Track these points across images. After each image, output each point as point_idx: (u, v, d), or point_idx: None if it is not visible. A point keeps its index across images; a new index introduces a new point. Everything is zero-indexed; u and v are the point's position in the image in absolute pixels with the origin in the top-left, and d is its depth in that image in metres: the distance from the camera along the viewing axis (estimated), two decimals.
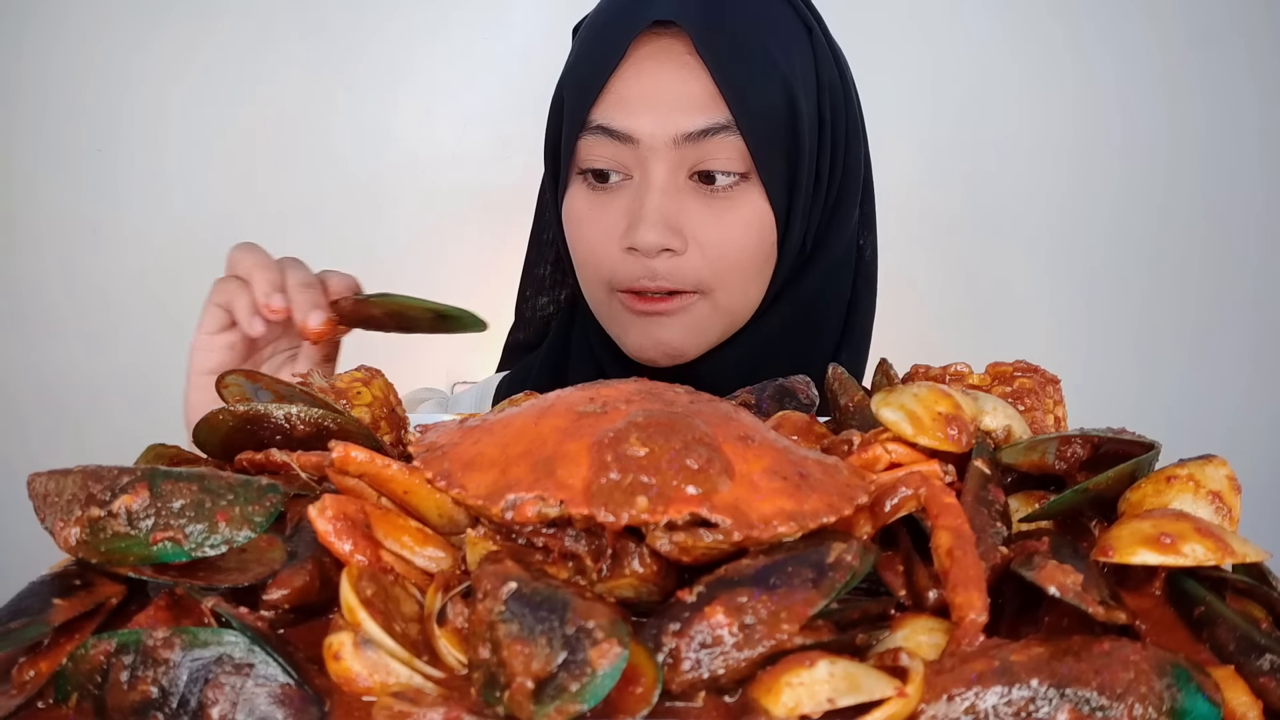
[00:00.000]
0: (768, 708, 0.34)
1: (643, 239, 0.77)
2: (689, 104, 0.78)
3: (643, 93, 0.79)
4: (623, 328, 0.85)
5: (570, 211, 0.85)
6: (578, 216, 0.84)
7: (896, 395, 0.50)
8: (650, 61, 0.80)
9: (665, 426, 0.43)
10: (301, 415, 0.51)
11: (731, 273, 0.81)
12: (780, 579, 0.38)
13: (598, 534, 0.41)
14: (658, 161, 0.78)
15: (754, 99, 0.78)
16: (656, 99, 0.78)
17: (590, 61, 0.82)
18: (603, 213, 0.82)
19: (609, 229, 0.81)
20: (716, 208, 0.80)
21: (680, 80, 0.78)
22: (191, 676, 0.36)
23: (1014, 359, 0.64)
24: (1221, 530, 0.41)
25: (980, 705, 0.34)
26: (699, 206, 0.80)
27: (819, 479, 0.43)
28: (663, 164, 0.78)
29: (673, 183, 0.79)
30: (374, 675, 0.36)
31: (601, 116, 0.80)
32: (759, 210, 0.81)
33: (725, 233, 0.80)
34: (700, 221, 0.79)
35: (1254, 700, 0.36)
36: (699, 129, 0.78)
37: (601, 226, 0.82)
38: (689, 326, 0.82)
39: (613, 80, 0.80)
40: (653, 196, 0.78)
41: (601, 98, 0.80)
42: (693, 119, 0.78)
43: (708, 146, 0.78)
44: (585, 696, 0.33)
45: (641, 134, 0.78)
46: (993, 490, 0.46)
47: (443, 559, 0.44)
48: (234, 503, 0.41)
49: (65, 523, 0.41)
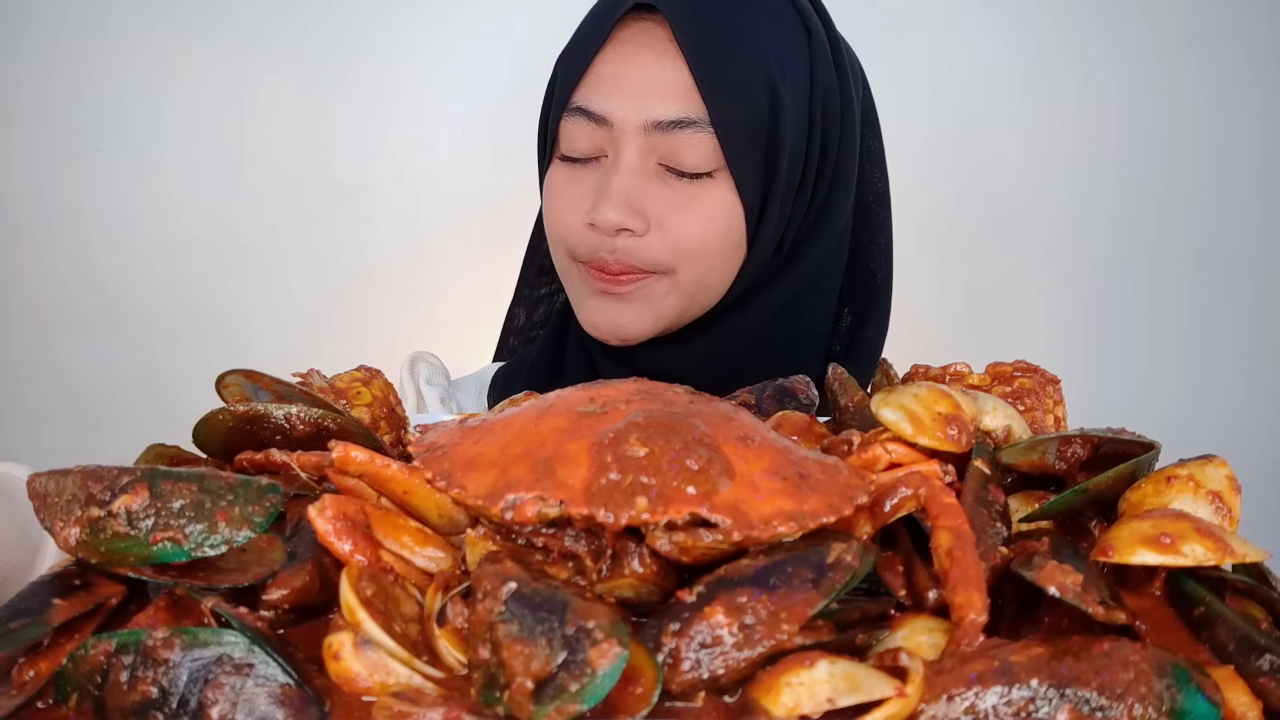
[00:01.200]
0: (768, 708, 0.34)
1: (602, 216, 0.78)
2: (664, 91, 0.78)
3: (620, 76, 0.79)
4: (579, 299, 0.86)
5: (549, 187, 0.86)
6: (553, 191, 0.85)
7: (896, 395, 0.50)
8: (631, 45, 0.80)
9: (665, 427, 0.43)
10: (301, 415, 0.51)
11: (693, 258, 0.82)
12: (780, 579, 0.38)
13: (598, 534, 0.41)
14: (628, 144, 0.79)
15: (730, 93, 0.78)
16: (633, 83, 0.79)
17: (577, 43, 0.83)
18: (575, 187, 0.83)
19: (577, 202, 0.82)
20: (682, 195, 0.80)
21: (660, 67, 0.79)
22: (191, 677, 0.36)
23: (1014, 359, 0.64)
24: (1221, 530, 0.41)
25: (980, 705, 0.34)
26: (665, 192, 0.80)
27: (819, 479, 0.43)
28: (633, 147, 0.79)
29: (642, 166, 0.79)
30: (374, 675, 0.36)
31: (581, 98, 0.81)
32: (727, 202, 0.81)
33: (688, 219, 0.80)
34: (664, 207, 0.80)
35: (1254, 700, 0.36)
36: (670, 119, 0.78)
37: (571, 199, 0.83)
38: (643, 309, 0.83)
39: (595, 62, 0.80)
40: (619, 177, 0.79)
41: (583, 79, 0.81)
42: (665, 108, 0.78)
43: (678, 138, 0.78)
44: (585, 696, 0.33)
45: (615, 117, 0.79)
46: (993, 490, 0.46)
47: (443, 559, 0.44)
48: (234, 503, 0.41)
49: (65, 523, 0.41)
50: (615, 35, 0.80)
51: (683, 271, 0.82)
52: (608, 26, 0.80)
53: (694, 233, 0.80)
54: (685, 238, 0.80)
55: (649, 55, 0.79)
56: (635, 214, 0.79)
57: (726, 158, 0.79)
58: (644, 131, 0.78)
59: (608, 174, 0.80)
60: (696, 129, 0.78)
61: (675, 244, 0.80)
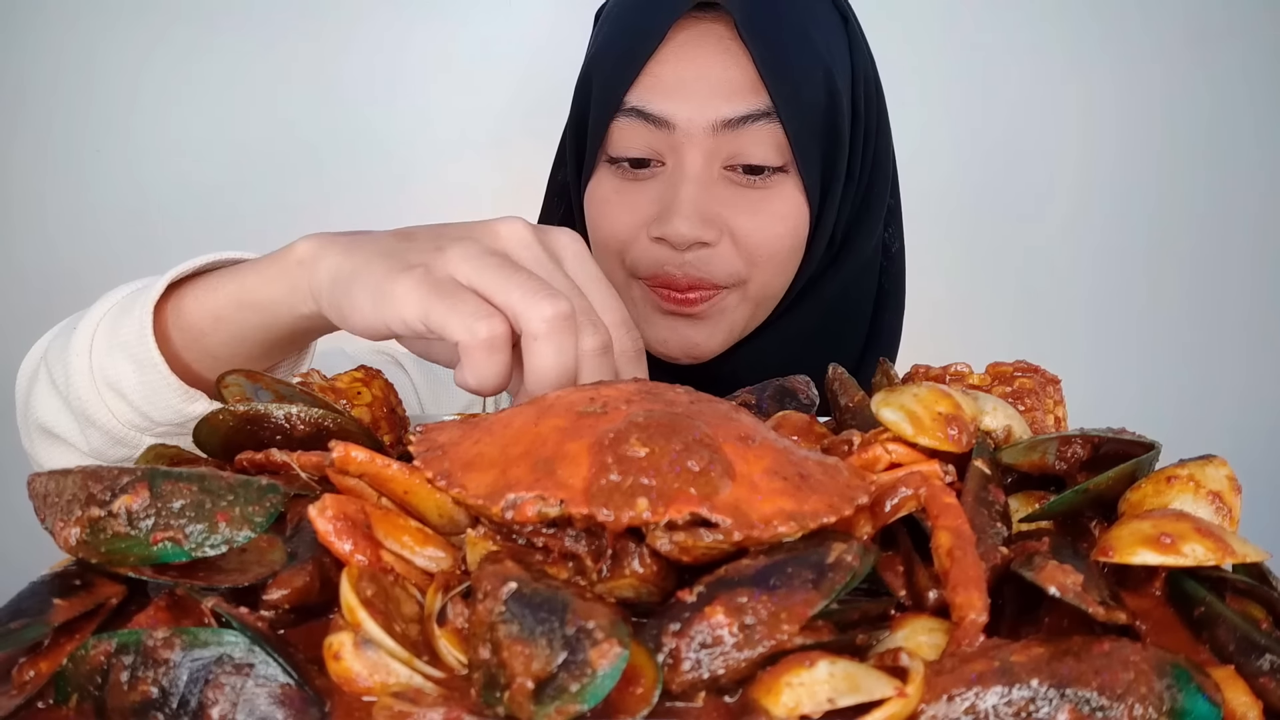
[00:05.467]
0: (768, 708, 0.34)
1: (675, 230, 0.74)
2: (729, 90, 0.75)
3: (682, 76, 0.76)
4: (643, 320, 0.81)
5: (595, 195, 0.82)
6: (602, 199, 0.81)
7: (896, 395, 0.50)
8: (691, 45, 0.77)
9: (666, 427, 0.43)
10: (301, 415, 0.51)
11: (765, 263, 0.79)
12: (780, 579, 0.38)
13: (598, 534, 0.41)
14: (693, 148, 0.76)
15: (797, 87, 0.76)
16: (696, 83, 0.76)
17: (627, 43, 0.79)
18: (632, 198, 0.79)
19: (637, 215, 0.78)
20: (753, 199, 0.77)
21: (722, 65, 0.76)
22: (191, 677, 0.36)
23: (1014, 359, 0.64)
24: (1221, 530, 0.41)
25: (980, 705, 0.34)
26: (734, 197, 0.77)
27: (819, 479, 0.43)
28: (698, 151, 0.76)
29: (708, 172, 0.76)
30: (374, 675, 0.36)
31: (638, 99, 0.77)
32: (795, 202, 0.78)
33: (760, 224, 0.77)
34: (736, 212, 0.77)
35: (1254, 700, 0.36)
36: (739, 115, 0.75)
37: (629, 211, 0.78)
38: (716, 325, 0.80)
39: (650, 63, 0.77)
40: (688, 186, 0.75)
41: (639, 80, 0.77)
42: (733, 105, 0.75)
43: (745, 136, 0.75)
44: (585, 697, 0.33)
45: (678, 119, 0.75)
46: (993, 490, 0.46)
47: (443, 559, 0.44)
48: (234, 503, 0.41)
49: (65, 523, 0.41)
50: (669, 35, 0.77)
51: (753, 280, 0.79)
52: (666, 25, 0.77)
53: (768, 237, 0.78)
54: (759, 243, 0.77)
55: (709, 53, 0.76)
56: (709, 225, 0.75)
57: (794, 150, 0.76)
58: (710, 133, 0.75)
59: (673, 183, 0.76)
60: (765, 122, 0.75)
61: (748, 252, 0.77)
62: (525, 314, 0.47)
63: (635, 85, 0.77)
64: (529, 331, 0.47)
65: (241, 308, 0.57)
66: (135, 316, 0.58)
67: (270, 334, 0.57)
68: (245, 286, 0.57)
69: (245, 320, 0.57)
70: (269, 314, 0.56)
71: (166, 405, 0.58)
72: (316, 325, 0.57)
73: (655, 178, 0.78)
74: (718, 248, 0.77)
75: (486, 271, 0.49)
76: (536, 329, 0.47)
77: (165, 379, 0.58)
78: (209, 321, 0.58)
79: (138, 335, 0.57)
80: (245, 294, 0.57)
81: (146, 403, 0.58)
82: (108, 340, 0.59)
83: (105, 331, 0.59)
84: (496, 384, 0.48)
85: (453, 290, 0.48)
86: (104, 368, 0.58)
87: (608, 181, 0.81)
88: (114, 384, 0.58)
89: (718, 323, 0.80)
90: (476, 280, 0.48)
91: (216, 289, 0.58)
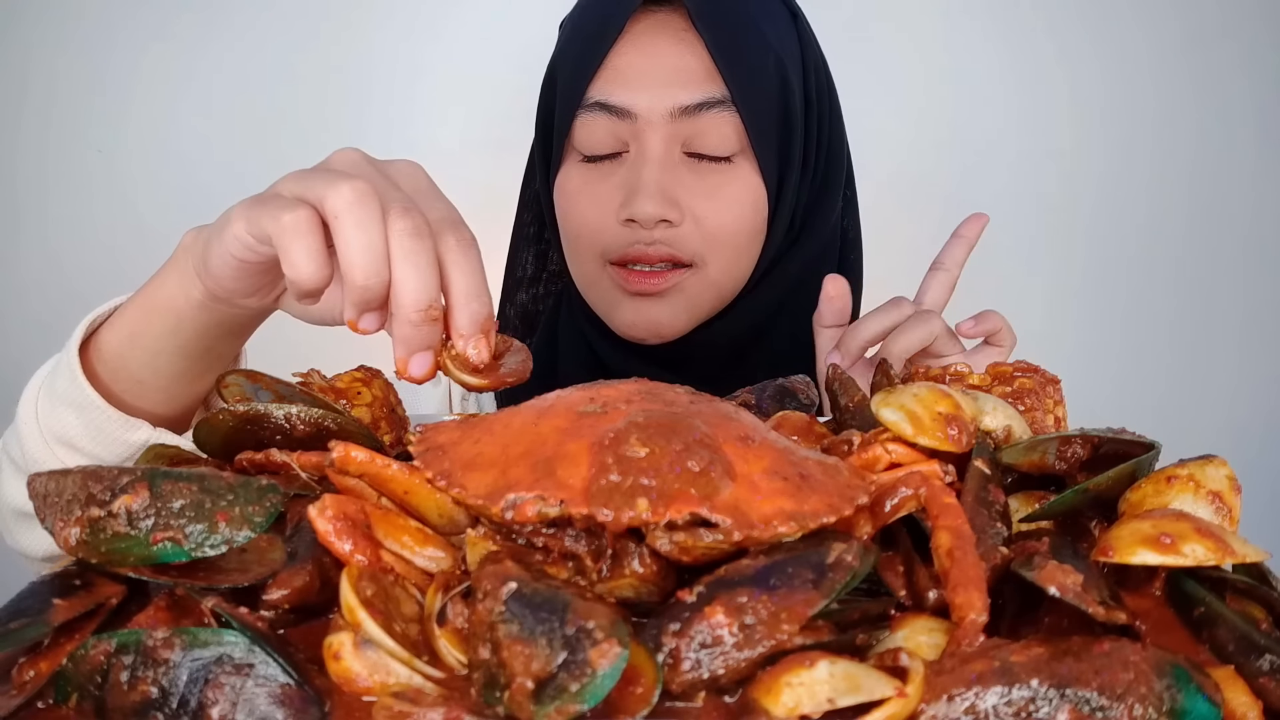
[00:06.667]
0: (768, 708, 0.34)
1: (642, 210, 0.78)
2: (686, 77, 0.79)
3: (640, 67, 0.80)
4: (612, 305, 0.85)
5: (564, 188, 0.85)
6: (573, 191, 0.84)
7: (896, 395, 0.50)
8: (647, 36, 0.81)
9: (666, 427, 0.43)
10: (301, 415, 0.51)
11: (724, 247, 0.82)
12: (780, 579, 0.38)
13: (598, 534, 0.41)
14: (654, 134, 0.79)
15: (750, 75, 0.80)
16: (654, 73, 0.80)
17: (586, 39, 0.83)
18: (598, 186, 0.82)
19: (605, 202, 0.82)
20: (710, 182, 0.81)
21: (677, 54, 0.80)
22: (191, 677, 0.36)
23: (1014, 359, 0.64)
24: (1221, 530, 0.41)
25: (980, 705, 0.34)
26: (695, 182, 0.80)
27: (819, 479, 0.43)
28: (658, 136, 0.79)
29: (669, 156, 0.80)
30: (374, 675, 0.36)
31: (599, 93, 0.81)
32: (752, 186, 0.82)
33: (719, 207, 0.81)
34: (694, 196, 0.80)
35: (1254, 700, 0.36)
36: (695, 102, 0.79)
37: (597, 199, 0.82)
38: (680, 305, 0.83)
39: (610, 56, 0.81)
40: (650, 168, 0.79)
41: (599, 74, 0.81)
42: (689, 92, 0.79)
43: (702, 122, 0.79)
44: (585, 696, 0.33)
45: (639, 107, 0.79)
46: (993, 490, 0.46)
47: (443, 559, 0.44)
48: (234, 503, 0.41)
49: (65, 523, 0.41)
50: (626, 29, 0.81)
51: (712, 263, 0.83)
52: (623, 19, 0.80)
53: (726, 219, 0.81)
54: (718, 225, 0.81)
55: (665, 44, 0.80)
56: (671, 204, 0.79)
57: (750, 136, 0.80)
58: (669, 119, 0.79)
59: (636, 167, 0.80)
60: (720, 109, 0.79)
61: (708, 233, 0.81)
62: (326, 197, 0.48)
63: (596, 79, 0.81)
64: (330, 212, 0.47)
65: (148, 313, 0.59)
66: (65, 366, 0.60)
67: (180, 338, 0.58)
68: (146, 292, 0.59)
69: (153, 327, 0.58)
70: (171, 313, 0.57)
71: (112, 439, 0.60)
72: (216, 318, 0.58)
73: (619, 165, 0.82)
74: (681, 228, 0.81)
75: (305, 180, 0.50)
76: (336, 207, 0.47)
77: (104, 412, 0.59)
78: (125, 341, 0.59)
79: (70, 380, 0.59)
80: (147, 298, 0.59)
81: (95, 444, 0.60)
82: (49, 399, 0.61)
83: (45, 393, 0.62)
84: (312, 271, 0.48)
85: (271, 198, 0.50)
86: (50, 426, 0.61)
87: (574, 173, 0.84)
88: (62, 437, 0.60)
89: (678, 303, 0.83)
90: (295, 189, 0.50)
91: (125, 308, 0.60)
